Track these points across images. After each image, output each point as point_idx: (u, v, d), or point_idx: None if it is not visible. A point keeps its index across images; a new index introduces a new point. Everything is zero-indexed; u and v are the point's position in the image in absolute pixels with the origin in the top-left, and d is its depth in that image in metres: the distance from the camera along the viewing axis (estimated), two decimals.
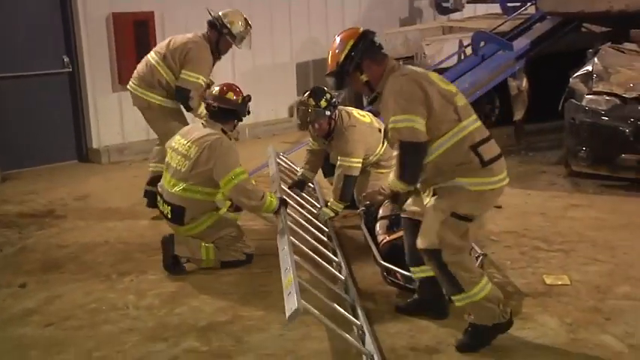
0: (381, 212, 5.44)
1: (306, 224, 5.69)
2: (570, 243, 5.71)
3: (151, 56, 6.69)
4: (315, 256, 4.94)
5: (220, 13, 6.51)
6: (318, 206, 6.31)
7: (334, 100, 6.02)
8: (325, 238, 5.67)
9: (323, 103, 5.93)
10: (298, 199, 6.24)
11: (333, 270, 5.09)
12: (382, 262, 4.89)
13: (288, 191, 6.24)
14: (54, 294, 5.10)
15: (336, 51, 4.18)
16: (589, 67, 7.59)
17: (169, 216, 5.39)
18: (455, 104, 3.95)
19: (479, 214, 4.06)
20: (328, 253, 5.31)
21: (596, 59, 7.67)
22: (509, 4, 10.80)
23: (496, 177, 3.97)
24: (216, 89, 5.52)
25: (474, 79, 8.81)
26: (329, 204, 6.08)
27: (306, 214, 5.99)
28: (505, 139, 9.42)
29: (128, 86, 6.88)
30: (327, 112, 5.95)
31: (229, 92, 5.46)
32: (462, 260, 3.98)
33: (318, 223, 5.90)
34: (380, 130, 6.03)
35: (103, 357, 4.16)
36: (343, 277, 5.05)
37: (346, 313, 4.33)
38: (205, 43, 6.49)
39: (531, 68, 9.05)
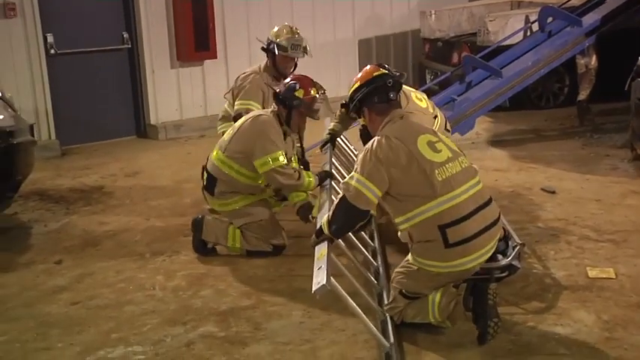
0: None
1: None
2: (623, 233, 5.35)
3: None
4: (353, 237, 4.76)
5: (269, 35, 6.25)
6: None
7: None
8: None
9: None
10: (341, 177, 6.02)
11: (367, 254, 4.94)
12: None
13: (340, 169, 6.01)
14: (86, 271, 5.13)
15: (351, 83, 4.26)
16: None
17: (204, 183, 5.36)
18: (433, 179, 3.76)
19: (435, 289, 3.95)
20: (365, 236, 5.14)
21: None
22: None
23: (457, 261, 3.78)
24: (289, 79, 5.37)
25: (537, 57, 8.37)
26: None
27: None
28: (571, 120, 9.05)
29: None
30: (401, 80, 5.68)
31: (295, 83, 5.23)
32: (406, 313, 4.00)
33: None
34: (435, 117, 5.78)
35: (120, 338, 4.13)
36: (376, 264, 4.90)
37: (371, 301, 4.19)
38: (256, 72, 6.17)
39: (602, 46, 8.54)
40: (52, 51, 8.73)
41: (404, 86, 5.93)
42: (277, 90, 5.31)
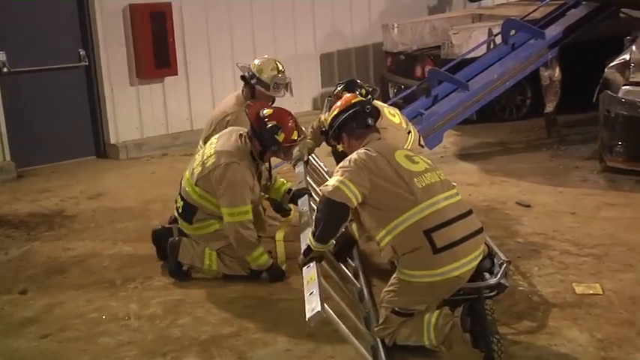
0: None
1: None
2: (603, 247, 5.32)
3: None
4: (332, 258, 4.65)
5: (250, 64, 5.93)
6: None
7: (369, 96, 5.66)
8: None
9: None
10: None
11: (350, 275, 4.80)
12: None
13: (314, 186, 5.86)
14: (54, 301, 4.87)
15: (329, 112, 4.42)
16: (626, 56, 7.14)
17: (180, 211, 5.14)
18: (412, 186, 3.79)
19: (428, 304, 3.89)
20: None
21: (634, 47, 7.22)
22: None
23: (446, 267, 3.71)
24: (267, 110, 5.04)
25: (503, 70, 8.38)
26: None
27: None
28: (536, 132, 9.07)
29: None
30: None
31: (277, 126, 4.86)
32: (400, 333, 3.89)
33: None
34: (409, 133, 5.70)
35: None
36: (359, 286, 4.76)
37: (360, 324, 4.05)
38: (243, 109, 5.54)
39: (564, 57, 8.58)
40: (5, 69, 8.37)
41: (376, 102, 5.89)
42: (254, 123, 4.96)
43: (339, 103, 4.41)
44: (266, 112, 4.95)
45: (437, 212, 3.76)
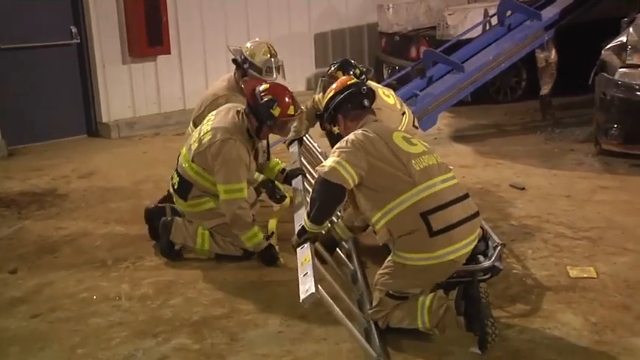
0: None
1: None
2: (597, 230, 5.29)
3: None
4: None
5: (242, 48, 5.82)
6: None
7: (363, 76, 5.59)
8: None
9: None
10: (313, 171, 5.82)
11: (343, 256, 4.77)
12: None
13: (308, 167, 5.81)
14: (45, 281, 4.82)
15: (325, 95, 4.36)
16: (623, 38, 7.06)
17: (175, 187, 5.08)
18: (410, 168, 3.76)
19: (422, 288, 3.86)
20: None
21: (631, 29, 7.13)
22: None
23: (442, 250, 3.69)
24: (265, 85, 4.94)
25: (498, 51, 8.34)
26: None
27: None
28: (531, 114, 9.03)
29: None
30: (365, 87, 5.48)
31: (273, 100, 4.77)
32: (393, 316, 3.86)
33: None
34: (404, 114, 5.65)
35: (87, 354, 3.87)
36: (352, 268, 4.73)
37: (353, 306, 4.02)
38: (234, 93, 5.69)
39: (560, 39, 8.53)
40: None
41: (371, 82, 5.83)
42: (250, 99, 4.89)
43: (334, 85, 4.36)
44: (262, 87, 4.89)
45: (434, 195, 3.73)
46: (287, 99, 4.86)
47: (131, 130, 9.19)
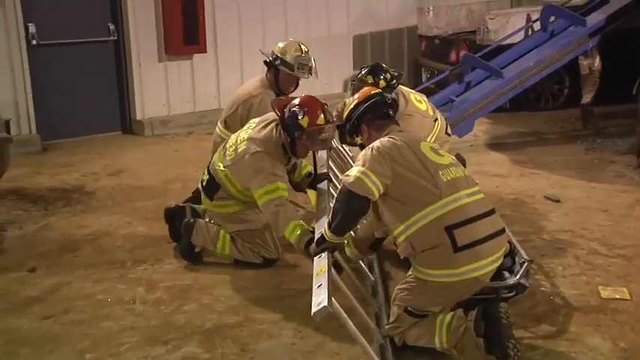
0: None
1: None
2: (634, 248, 5.04)
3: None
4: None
5: (274, 48, 5.76)
6: None
7: (394, 81, 5.44)
8: None
9: (381, 83, 5.32)
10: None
11: (364, 267, 4.62)
12: None
13: (337, 171, 5.68)
14: (62, 281, 4.78)
15: (344, 106, 4.14)
16: None
17: (204, 184, 4.98)
18: (437, 179, 3.61)
19: (443, 306, 3.70)
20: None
21: None
22: None
23: (466, 267, 3.52)
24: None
25: (539, 58, 8.08)
26: None
27: None
28: (572, 122, 8.76)
29: None
30: (390, 95, 5.32)
31: (298, 109, 4.56)
32: (410, 334, 3.72)
33: None
34: (436, 120, 5.49)
35: (95, 359, 3.80)
36: (373, 279, 4.58)
37: (369, 320, 3.87)
38: (268, 92, 5.64)
39: (604, 46, 8.24)
40: (34, 42, 8.31)
41: (402, 87, 5.68)
42: (282, 114, 4.71)
43: (356, 96, 4.18)
44: (293, 101, 4.71)
45: (460, 208, 3.57)
46: (316, 108, 4.62)
47: (165, 128, 9.16)
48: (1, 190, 6.61)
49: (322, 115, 4.60)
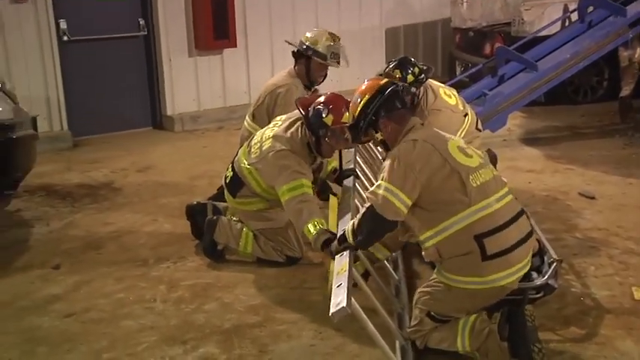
0: None
1: None
2: None
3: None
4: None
5: (302, 38, 5.66)
6: None
7: (422, 75, 5.30)
8: None
9: (410, 78, 5.17)
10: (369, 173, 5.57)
11: (388, 266, 4.51)
12: None
13: (363, 167, 5.57)
14: (85, 278, 4.76)
15: (353, 103, 3.80)
16: None
17: (227, 180, 4.93)
18: (467, 185, 3.43)
19: (465, 313, 3.56)
20: None
21: None
22: None
23: (494, 275, 3.39)
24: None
25: (576, 49, 7.86)
26: None
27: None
28: (610, 116, 8.51)
29: None
30: (412, 89, 5.17)
31: (323, 107, 4.51)
32: (432, 337, 3.61)
33: None
34: (465, 115, 5.34)
35: (112, 359, 3.76)
36: (397, 278, 4.47)
37: (391, 322, 3.75)
38: (295, 82, 5.56)
39: None
40: (65, 37, 8.33)
41: (432, 81, 5.53)
42: (306, 113, 4.63)
43: (363, 88, 3.80)
44: (318, 100, 4.62)
45: (490, 215, 3.41)
46: (341, 106, 4.51)
47: (195, 123, 9.13)
48: (32, 186, 6.64)
49: (347, 113, 4.49)
